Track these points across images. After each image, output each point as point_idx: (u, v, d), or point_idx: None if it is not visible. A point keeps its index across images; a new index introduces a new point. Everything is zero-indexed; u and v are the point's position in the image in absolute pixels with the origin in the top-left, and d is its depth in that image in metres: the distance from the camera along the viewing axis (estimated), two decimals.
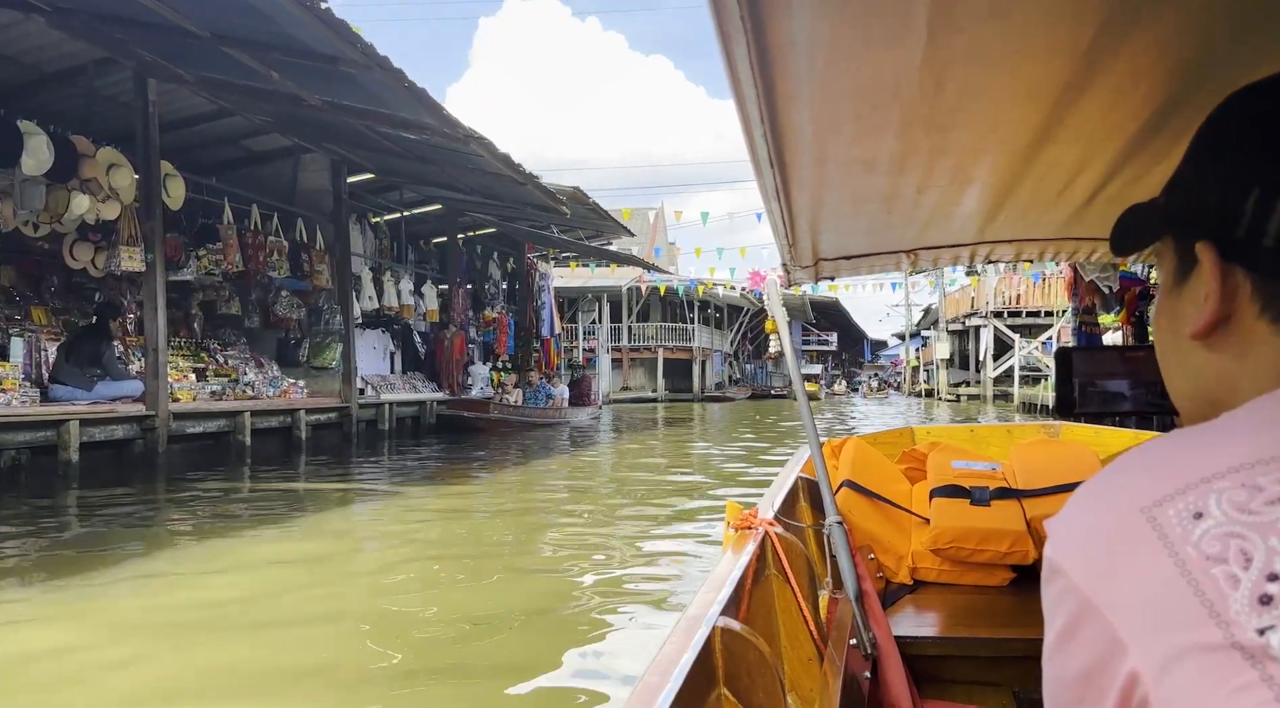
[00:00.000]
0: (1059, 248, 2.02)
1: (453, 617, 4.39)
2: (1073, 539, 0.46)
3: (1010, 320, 33.13)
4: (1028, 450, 2.73)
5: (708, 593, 1.49)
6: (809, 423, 2.12)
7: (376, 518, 7.72)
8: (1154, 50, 0.91)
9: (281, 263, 12.63)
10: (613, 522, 7.44)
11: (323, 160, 14.01)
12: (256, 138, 13.15)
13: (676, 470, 11.45)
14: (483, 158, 10.73)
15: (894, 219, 1.73)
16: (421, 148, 11.32)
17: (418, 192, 16.34)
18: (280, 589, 5.05)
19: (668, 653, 1.21)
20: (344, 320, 13.95)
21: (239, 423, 11.51)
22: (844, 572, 1.91)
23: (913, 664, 1.95)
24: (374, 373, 16.22)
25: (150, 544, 6.31)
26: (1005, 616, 2.24)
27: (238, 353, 12.92)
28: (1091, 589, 0.44)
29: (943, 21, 0.83)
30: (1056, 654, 0.46)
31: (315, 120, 10.77)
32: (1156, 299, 0.60)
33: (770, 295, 2.26)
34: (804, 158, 1.26)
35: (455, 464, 12.00)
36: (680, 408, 31.25)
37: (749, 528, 1.95)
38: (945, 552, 2.43)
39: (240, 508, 7.88)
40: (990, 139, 1.22)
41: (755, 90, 0.94)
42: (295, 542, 6.53)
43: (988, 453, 2.93)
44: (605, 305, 35.53)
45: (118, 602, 4.69)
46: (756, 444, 15.73)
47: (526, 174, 11.37)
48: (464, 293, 18.33)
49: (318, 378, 14.03)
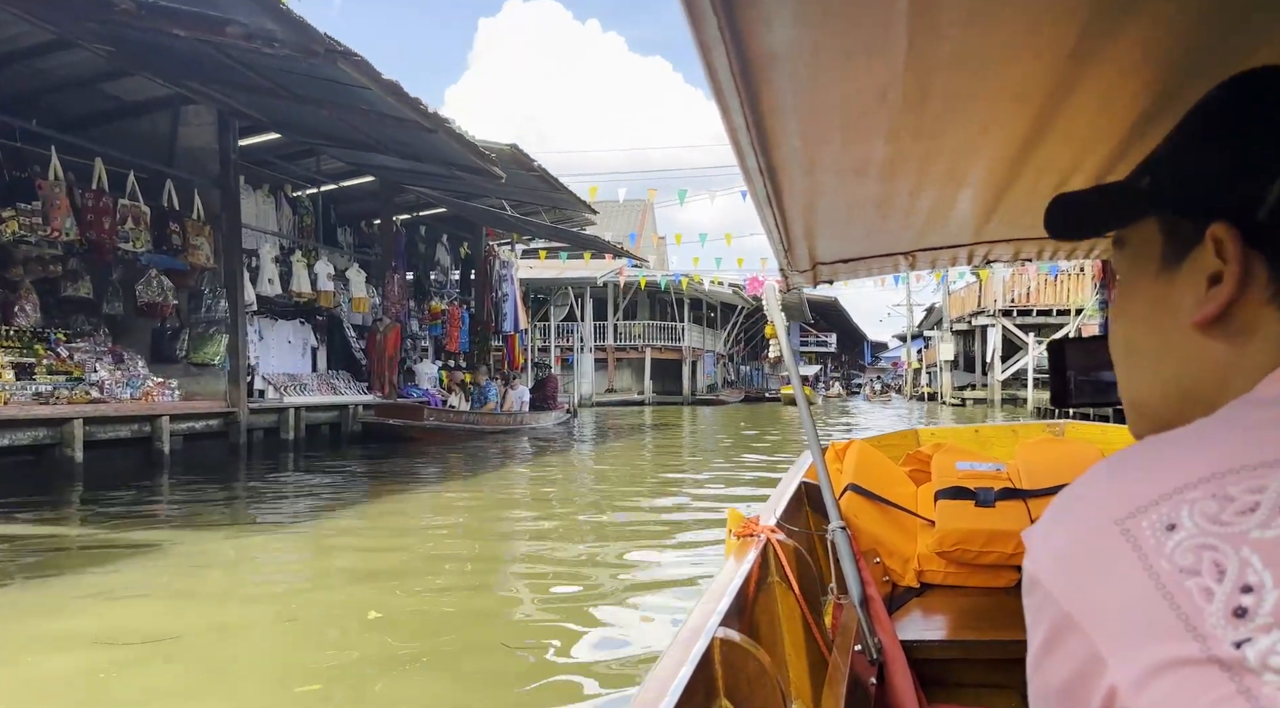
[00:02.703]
0: (1058, 246, 1.97)
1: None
2: (1049, 552, 0.46)
3: (1020, 319, 32.13)
4: (1033, 450, 2.68)
5: (707, 603, 1.47)
6: (810, 428, 2.10)
7: (227, 565, 5.24)
8: (1140, 49, 0.90)
9: (139, 233, 10.13)
10: (563, 579, 4.99)
11: (208, 114, 11.55)
12: (117, 81, 10.69)
13: (641, 496, 8.95)
14: (369, 92, 8.25)
15: (889, 223, 1.71)
16: (295, 81, 8.86)
17: (338, 158, 13.86)
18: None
19: (665, 667, 1.19)
20: (230, 307, 11.47)
21: (66, 434, 9.02)
22: (848, 577, 1.91)
23: (920, 668, 1.97)
24: (283, 372, 13.72)
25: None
26: (1012, 617, 2.17)
27: (90, 345, 10.43)
28: (1069, 603, 0.44)
29: (924, 29, 0.82)
30: (1040, 667, 0.46)
31: (149, 43, 8.29)
32: (1121, 287, 0.59)
33: (769, 301, 2.22)
34: (793, 166, 1.24)
35: (360, 485, 9.51)
36: (668, 412, 28.68)
37: (751, 535, 1.92)
38: (951, 554, 2.41)
39: (29, 557, 5.48)
40: (980, 141, 1.21)
41: (739, 101, 0.93)
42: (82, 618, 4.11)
43: (993, 454, 2.92)
44: (589, 301, 33.06)
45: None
46: (750, 457, 13.22)
47: (432, 115, 8.88)
48: (401, 280, 15.81)
49: (199, 377, 11.54)
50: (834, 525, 1.97)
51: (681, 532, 6.82)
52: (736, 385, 44.77)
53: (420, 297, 17.77)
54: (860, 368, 74.53)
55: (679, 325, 35.42)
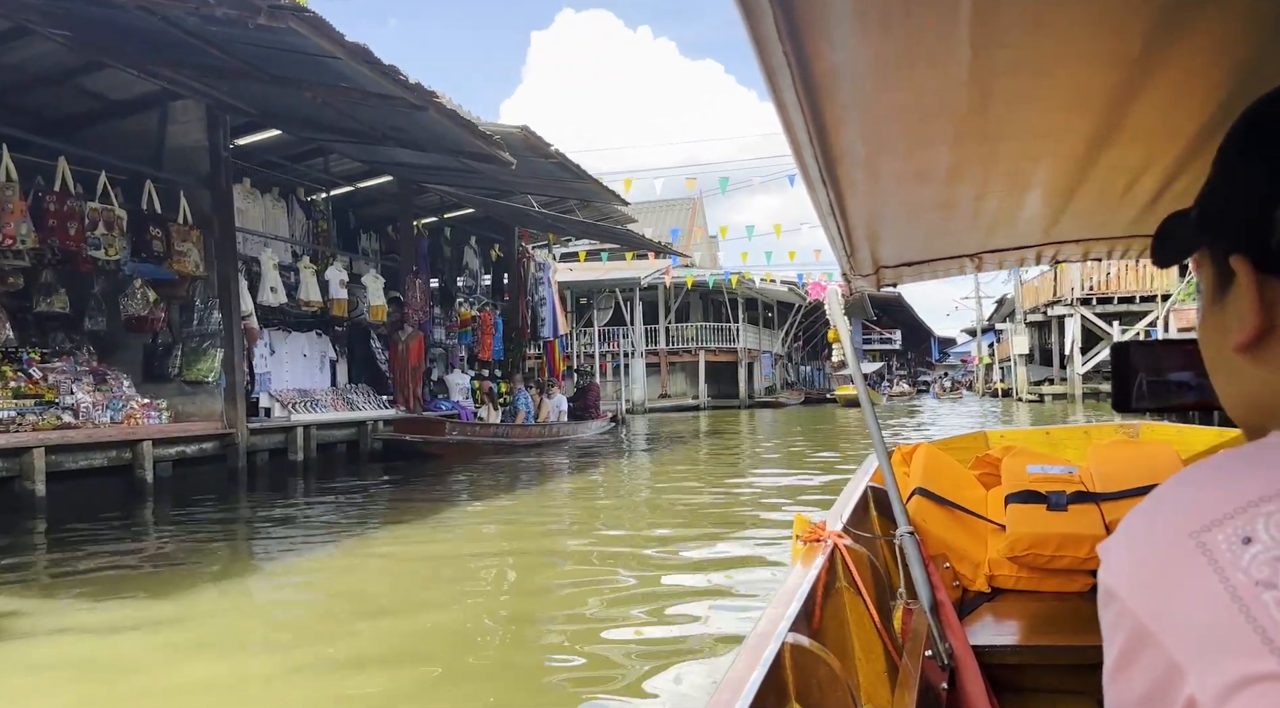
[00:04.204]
0: (1128, 246, 1.97)
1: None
2: (1125, 564, 0.47)
3: (1100, 308, 30.54)
4: (1106, 452, 2.65)
5: (776, 609, 1.47)
6: (875, 431, 2.09)
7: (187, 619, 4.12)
8: (1209, 51, 0.89)
9: (112, 239, 9.17)
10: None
11: (196, 109, 10.60)
12: (93, 76, 9.80)
13: (689, 519, 7.65)
14: (341, 62, 7.13)
15: (954, 226, 1.72)
16: (266, 59, 7.80)
17: (345, 155, 12.87)
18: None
19: (737, 671, 1.20)
20: (224, 318, 10.48)
21: (25, 465, 8.07)
22: (917, 582, 1.89)
23: (992, 674, 1.93)
24: (293, 387, 12.73)
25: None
26: (1087, 622, 2.05)
27: (69, 365, 9.53)
28: (1146, 615, 0.44)
29: (985, 37, 0.82)
30: (1116, 679, 0.46)
31: (102, 21, 7.29)
32: (1200, 310, 0.60)
33: (832, 306, 2.22)
34: (856, 174, 1.25)
35: (361, 512, 8.38)
36: (723, 416, 27.20)
37: (817, 541, 1.91)
38: (1022, 559, 2.38)
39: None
40: (1044, 145, 1.21)
41: (803, 116, 0.94)
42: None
43: (1064, 456, 2.88)
44: (638, 304, 31.80)
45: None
46: (820, 457, 11.81)
47: (416, 87, 7.70)
48: (423, 284, 14.75)
49: (194, 396, 10.58)
50: (902, 530, 1.97)
51: (734, 568, 5.51)
52: (797, 387, 43.10)
53: (448, 303, 16.71)
54: (928, 365, 72.16)
55: (733, 326, 33.94)
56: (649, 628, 4.37)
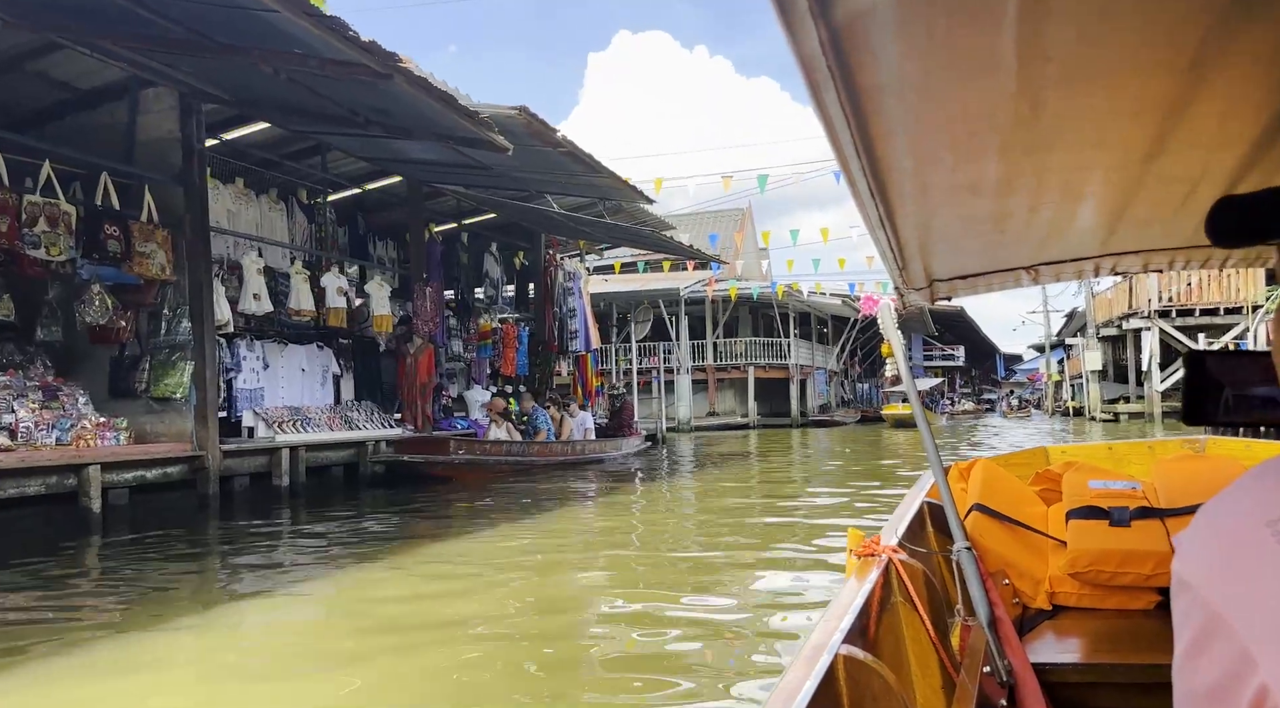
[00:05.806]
0: (1190, 256, 1.95)
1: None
2: (1199, 553, 0.46)
3: (1180, 320, 28.54)
4: (1170, 467, 2.60)
5: (829, 621, 1.46)
6: (930, 447, 2.07)
7: None
8: (1263, 58, 0.89)
9: (55, 237, 8.13)
10: None
11: (169, 97, 9.59)
12: (48, 57, 8.84)
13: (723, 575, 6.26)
14: (281, 16, 5.95)
15: (1007, 238, 1.69)
16: (211, 25, 6.68)
17: (342, 148, 11.80)
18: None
19: (790, 681, 1.19)
20: (195, 327, 9.39)
21: None
22: (975, 598, 1.88)
23: (1053, 693, 1.91)
24: (286, 404, 11.62)
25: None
26: (1152, 640, 2.13)
27: (15, 380, 8.50)
28: (1219, 603, 0.43)
29: (1031, 51, 0.82)
30: (1185, 668, 0.45)
31: None
32: (1277, 318, 0.55)
33: (885, 320, 2.19)
34: (906, 187, 1.25)
35: (341, 546, 7.14)
36: (773, 435, 25.59)
37: (872, 555, 1.88)
38: (1084, 575, 2.34)
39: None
40: (1097, 156, 1.21)
41: (849, 131, 0.94)
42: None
43: (1127, 471, 2.82)
44: (683, 318, 30.43)
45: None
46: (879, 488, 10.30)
47: (372, 45, 6.48)
48: (435, 293, 13.58)
49: (163, 414, 9.49)
50: (959, 546, 1.96)
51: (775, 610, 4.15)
52: (854, 404, 41.24)
53: (465, 314, 15.55)
54: (994, 382, 69.46)
55: (784, 342, 32.33)
56: (696, 642, 4.29)
